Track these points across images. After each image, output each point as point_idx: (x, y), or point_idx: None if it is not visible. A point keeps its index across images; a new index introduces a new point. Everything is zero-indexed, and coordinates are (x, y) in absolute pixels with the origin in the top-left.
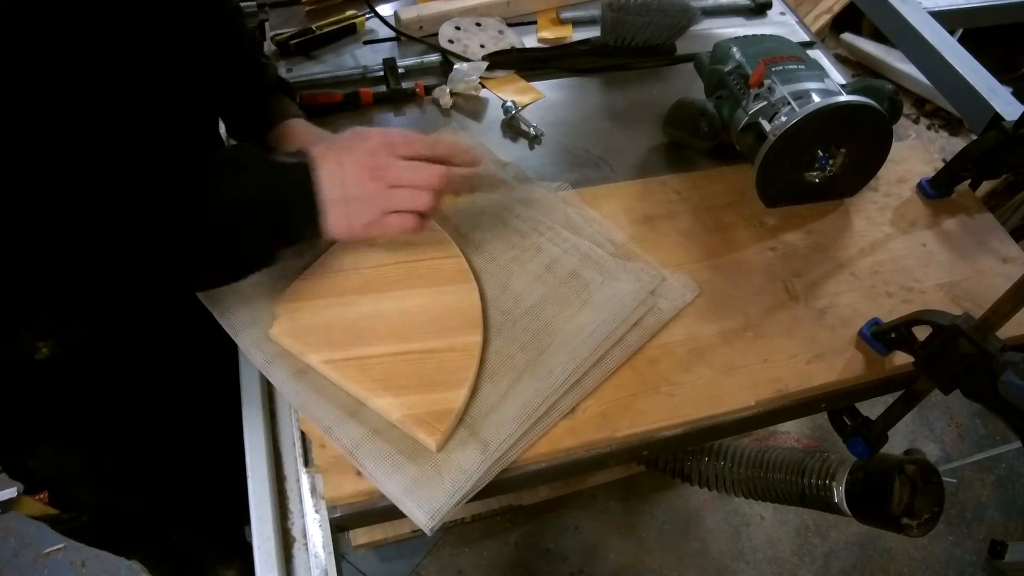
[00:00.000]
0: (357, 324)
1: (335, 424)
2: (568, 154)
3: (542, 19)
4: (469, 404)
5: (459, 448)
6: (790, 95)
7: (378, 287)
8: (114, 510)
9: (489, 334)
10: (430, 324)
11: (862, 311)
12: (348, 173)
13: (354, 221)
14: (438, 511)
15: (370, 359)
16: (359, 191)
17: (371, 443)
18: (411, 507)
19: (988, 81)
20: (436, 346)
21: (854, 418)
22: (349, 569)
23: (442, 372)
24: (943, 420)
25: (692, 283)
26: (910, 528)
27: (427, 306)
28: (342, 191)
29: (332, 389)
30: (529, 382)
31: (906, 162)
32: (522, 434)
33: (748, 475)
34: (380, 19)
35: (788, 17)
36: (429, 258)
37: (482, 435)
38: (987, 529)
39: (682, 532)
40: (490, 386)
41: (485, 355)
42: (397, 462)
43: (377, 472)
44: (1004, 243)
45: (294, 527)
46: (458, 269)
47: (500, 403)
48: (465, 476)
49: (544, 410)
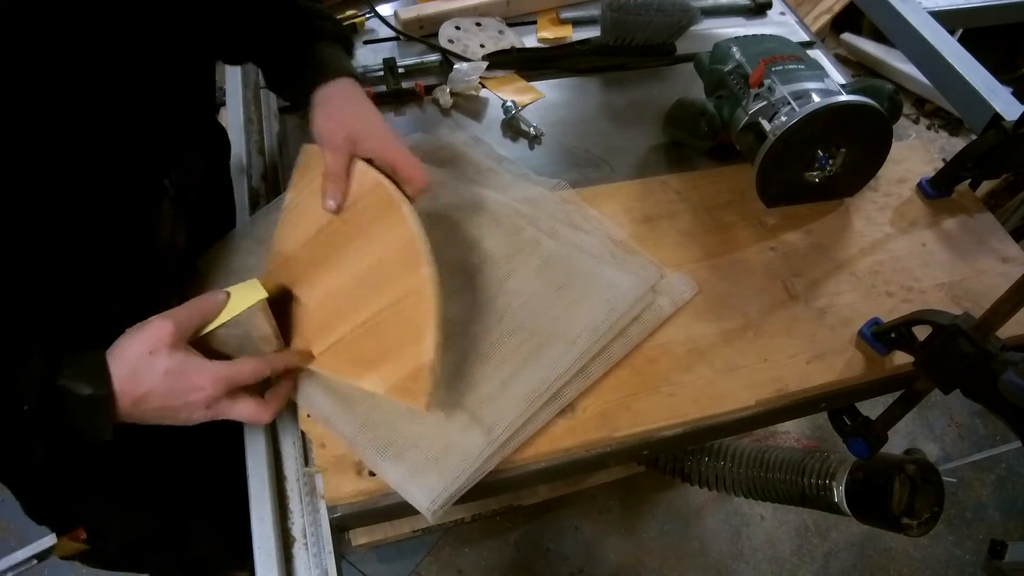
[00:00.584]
0: (318, 313)
1: (334, 414)
2: (568, 154)
3: (542, 19)
4: (470, 391)
5: (462, 433)
6: (790, 95)
7: (324, 260)
8: (144, 537)
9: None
10: (373, 279)
11: (862, 311)
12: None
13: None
14: (440, 495)
15: (339, 343)
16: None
17: (371, 431)
18: (413, 491)
19: (988, 81)
20: (385, 302)
21: (854, 418)
22: (349, 569)
23: (401, 328)
24: (943, 420)
25: (691, 281)
26: (910, 528)
27: (367, 260)
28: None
29: (326, 379)
30: (532, 371)
31: (906, 162)
32: (524, 421)
33: (748, 475)
34: (380, 19)
35: (788, 17)
36: (355, 203)
37: (485, 421)
38: (987, 529)
39: (682, 532)
40: (492, 374)
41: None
42: (399, 449)
43: (378, 459)
44: (1004, 243)
45: (294, 527)
46: (382, 201)
47: (502, 390)
48: (468, 461)
49: (547, 398)
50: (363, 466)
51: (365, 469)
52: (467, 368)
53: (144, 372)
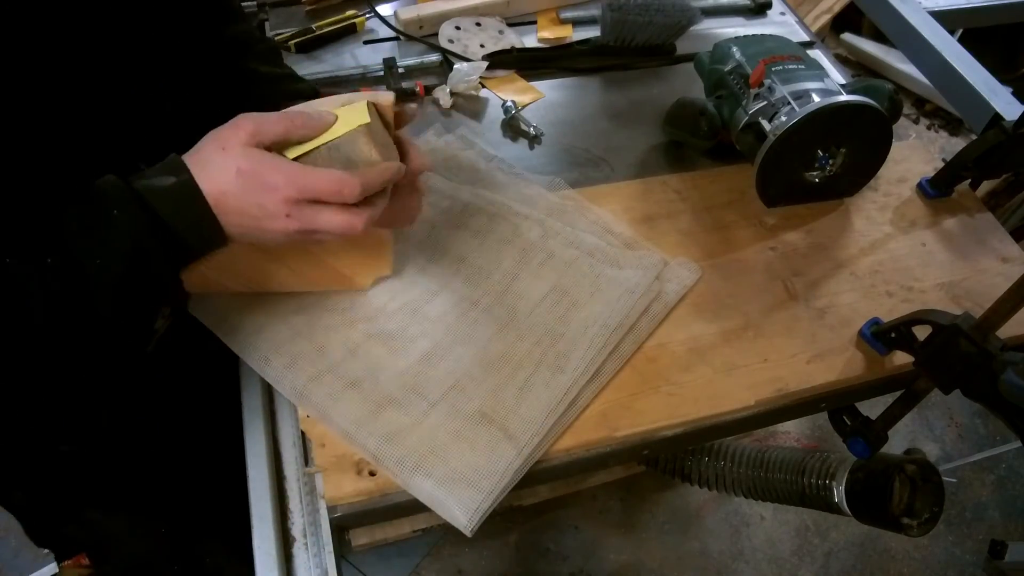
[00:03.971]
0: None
1: (355, 429)
2: (568, 154)
3: (542, 19)
4: (490, 399)
5: (491, 447)
6: (790, 95)
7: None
8: (156, 558)
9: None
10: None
11: (862, 311)
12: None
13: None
14: (477, 511)
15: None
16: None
17: (397, 445)
18: (449, 507)
19: (988, 81)
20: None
21: (854, 418)
22: (349, 569)
23: None
24: (943, 420)
25: (694, 265)
26: (910, 528)
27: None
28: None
29: (350, 393)
30: (547, 374)
31: (906, 162)
32: (548, 429)
33: (748, 475)
34: (380, 19)
35: (788, 17)
36: None
37: (513, 433)
38: (987, 529)
39: (682, 532)
40: (507, 382)
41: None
42: (429, 463)
43: (407, 474)
44: (1004, 243)
45: (294, 527)
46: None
47: (521, 398)
48: (500, 475)
49: (567, 404)
50: (363, 466)
51: (365, 469)
52: (480, 375)
53: (216, 168)
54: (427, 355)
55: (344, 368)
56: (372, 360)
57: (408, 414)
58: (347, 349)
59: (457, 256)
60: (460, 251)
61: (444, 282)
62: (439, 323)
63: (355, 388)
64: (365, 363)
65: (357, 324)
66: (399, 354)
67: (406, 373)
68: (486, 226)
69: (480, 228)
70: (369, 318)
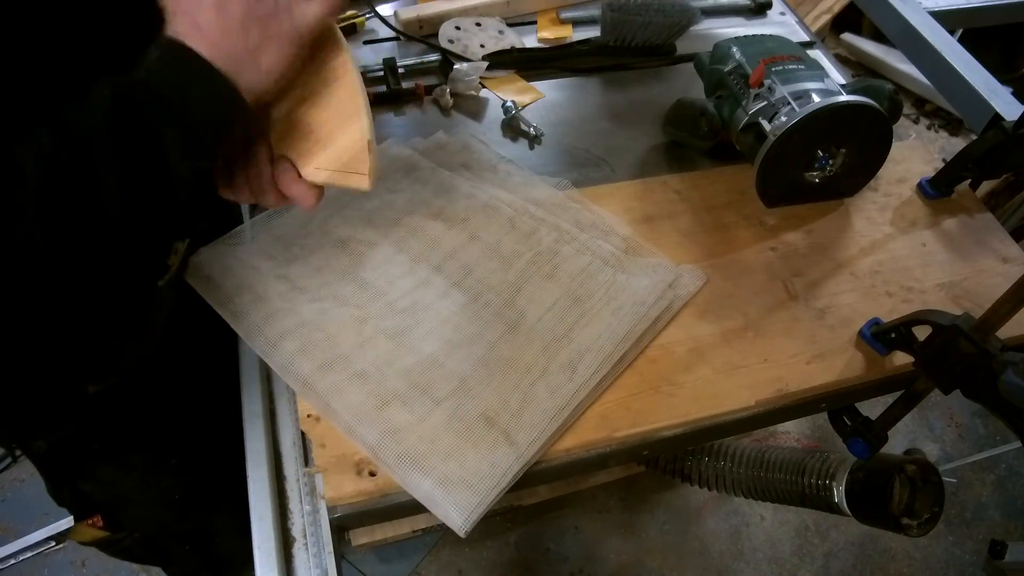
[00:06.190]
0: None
1: (357, 422)
2: (568, 154)
3: (542, 19)
4: (494, 401)
5: (491, 449)
6: (790, 95)
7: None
8: (169, 528)
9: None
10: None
11: (862, 311)
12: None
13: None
14: (473, 513)
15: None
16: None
17: (397, 440)
18: (446, 507)
19: (988, 81)
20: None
21: (854, 418)
22: (349, 569)
23: (332, 116)
24: (943, 420)
25: (699, 271)
26: (910, 528)
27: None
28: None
29: (356, 386)
30: (554, 381)
31: (906, 162)
32: (551, 434)
33: (748, 475)
34: (380, 19)
35: (788, 17)
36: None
37: (514, 436)
38: (987, 529)
39: (682, 532)
40: (513, 386)
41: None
42: (428, 462)
43: (404, 470)
44: (1004, 243)
45: (294, 527)
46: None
47: (526, 402)
48: (498, 477)
49: (570, 411)
50: (363, 466)
51: (365, 469)
52: (486, 377)
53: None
54: (435, 354)
55: (352, 359)
56: (380, 354)
57: (412, 411)
58: (356, 341)
59: (470, 257)
60: (474, 252)
61: (456, 282)
62: (448, 323)
63: (361, 380)
64: (373, 357)
65: (368, 319)
66: (407, 351)
67: (413, 370)
68: (501, 228)
69: (495, 230)
70: (380, 314)
